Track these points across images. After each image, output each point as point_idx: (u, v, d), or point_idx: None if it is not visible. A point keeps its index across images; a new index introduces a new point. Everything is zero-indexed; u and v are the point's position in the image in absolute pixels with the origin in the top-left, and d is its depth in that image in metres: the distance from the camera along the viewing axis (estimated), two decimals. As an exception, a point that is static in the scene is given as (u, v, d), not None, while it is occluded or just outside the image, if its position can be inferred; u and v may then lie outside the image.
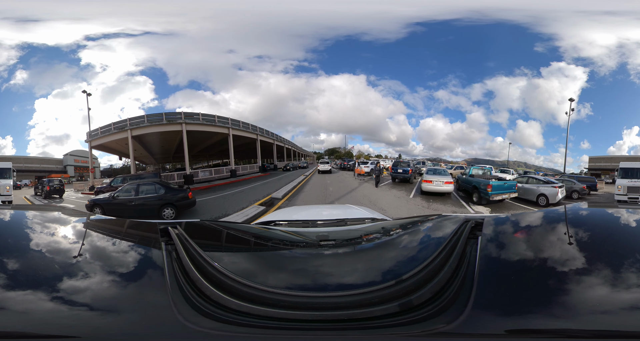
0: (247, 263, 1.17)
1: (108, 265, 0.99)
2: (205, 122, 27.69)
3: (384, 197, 15.37)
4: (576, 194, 17.45)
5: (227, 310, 0.78)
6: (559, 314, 0.73)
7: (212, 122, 28.43)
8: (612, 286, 0.80)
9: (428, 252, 0.98)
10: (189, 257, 0.93)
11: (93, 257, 1.04)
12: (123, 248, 1.18)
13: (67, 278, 0.88)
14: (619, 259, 0.91)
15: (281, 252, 1.36)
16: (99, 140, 26.56)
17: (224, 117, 29.50)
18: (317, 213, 2.78)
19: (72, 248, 1.12)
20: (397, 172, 21.65)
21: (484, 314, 0.75)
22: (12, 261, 0.97)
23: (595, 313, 0.74)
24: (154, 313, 0.79)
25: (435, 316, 0.75)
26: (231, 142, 29.44)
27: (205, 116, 27.99)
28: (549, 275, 0.86)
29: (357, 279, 0.99)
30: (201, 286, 0.83)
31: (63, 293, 0.82)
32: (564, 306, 0.75)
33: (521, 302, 0.77)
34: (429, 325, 0.73)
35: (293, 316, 0.77)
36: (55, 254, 1.04)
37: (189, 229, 1.10)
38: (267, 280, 0.92)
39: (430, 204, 13.86)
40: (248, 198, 15.27)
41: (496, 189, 13.57)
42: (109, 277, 0.92)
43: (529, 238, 1.14)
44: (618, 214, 1.41)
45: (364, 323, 0.75)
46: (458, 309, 0.75)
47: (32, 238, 1.18)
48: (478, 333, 0.71)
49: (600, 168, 32.88)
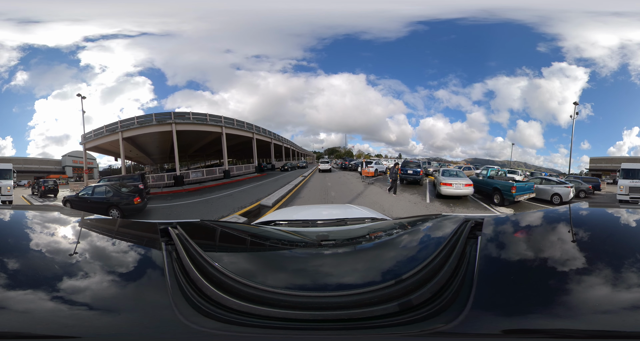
0: (247, 263, 1.17)
1: (108, 265, 0.98)
2: (196, 121, 26.90)
3: (398, 203, 13.97)
4: (583, 193, 18.15)
5: (228, 310, 0.78)
6: (560, 314, 0.73)
7: (204, 121, 27.60)
8: (613, 286, 0.80)
9: (428, 252, 0.98)
10: (189, 257, 0.93)
11: (93, 257, 1.04)
12: (123, 248, 1.17)
13: (67, 278, 0.88)
14: (619, 259, 0.92)
15: (281, 252, 1.36)
16: (93, 142, 26.60)
17: (216, 116, 28.66)
18: (317, 213, 2.77)
19: (72, 248, 1.11)
20: (407, 173, 19.91)
21: (484, 314, 0.75)
22: (12, 261, 0.97)
23: (596, 313, 0.74)
24: (155, 313, 0.79)
25: (434, 316, 0.75)
26: (224, 140, 28.56)
27: (196, 115, 27.24)
28: (548, 275, 0.87)
29: (357, 279, 0.99)
30: (202, 287, 0.83)
31: (63, 293, 0.82)
32: (564, 306, 0.75)
33: (521, 302, 0.77)
34: (427, 324, 0.73)
35: (294, 316, 0.77)
36: (55, 254, 1.04)
37: (189, 229, 1.10)
38: (267, 280, 0.92)
39: (453, 209, 13.20)
40: (233, 204, 14.02)
41: (520, 190, 13.84)
42: (109, 277, 0.92)
43: (528, 238, 1.14)
44: (618, 214, 1.41)
45: (364, 322, 0.75)
46: (457, 309, 0.75)
47: (32, 238, 1.18)
48: (477, 333, 0.72)
49: (601, 168, 32.87)
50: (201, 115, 27.45)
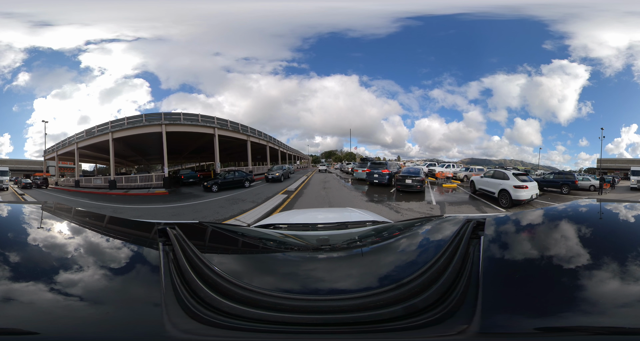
0: (244, 266, 1.17)
1: (102, 261, 0.99)
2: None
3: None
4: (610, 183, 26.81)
5: (218, 312, 0.78)
6: (587, 310, 0.73)
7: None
8: (622, 280, 0.80)
9: (431, 254, 0.98)
10: (185, 258, 0.92)
11: (87, 253, 1.03)
12: (121, 247, 1.17)
13: (56, 274, 0.89)
14: (623, 253, 0.92)
15: (280, 255, 1.36)
16: (51, 154, 29.32)
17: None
18: (318, 217, 2.76)
19: (59, 245, 1.11)
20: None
21: (511, 313, 0.74)
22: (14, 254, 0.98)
23: (618, 307, 0.74)
24: (143, 312, 0.79)
25: (449, 317, 0.74)
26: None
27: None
28: (559, 272, 0.86)
29: (359, 283, 0.98)
30: (196, 288, 0.83)
31: (51, 287, 0.83)
32: (587, 302, 0.75)
33: (542, 300, 0.76)
34: (446, 327, 0.72)
35: (290, 319, 0.76)
36: (47, 249, 1.04)
37: (187, 230, 1.08)
38: (263, 283, 0.91)
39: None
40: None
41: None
42: (103, 273, 0.92)
43: (531, 237, 1.14)
44: (616, 210, 1.44)
45: (372, 326, 0.74)
46: (470, 310, 0.74)
47: (14, 233, 1.19)
48: (509, 332, 0.70)
49: (608, 168, 40.37)
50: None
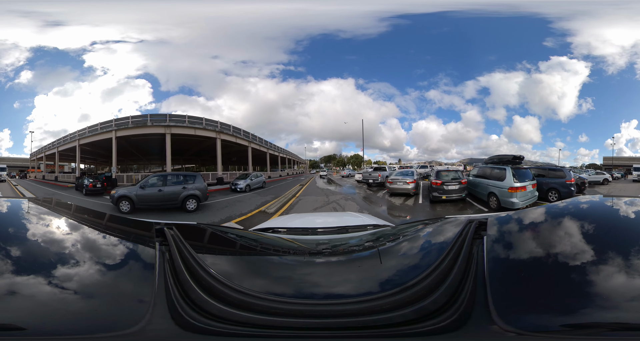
0: (238, 267, 1.16)
1: (98, 257, 0.99)
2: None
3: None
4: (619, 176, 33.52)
5: (206, 314, 0.78)
6: (604, 305, 0.73)
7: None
8: (628, 275, 0.80)
9: (432, 257, 0.97)
10: (181, 259, 0.92)
11: (85, 250, 1.04)
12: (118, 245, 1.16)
13: (51, 270, 0.89)
14: (627, 248, 0.92)
15: (277, 260, 1.35)
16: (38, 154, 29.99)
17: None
18: (317, 221, 2.73)
19: (55, 240, 1.11)
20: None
21: (522, 314, 0.74)
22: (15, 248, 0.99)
23: (631, 301, 0.73)
24: (131, 311, 0.79)
25: (464, 319, 0.74)
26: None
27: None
28: (566, 269, 0.86)
29: (360, 287, 0.96)
30: (188, 289, 0.83)
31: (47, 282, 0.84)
32: (601, 297, 0.75)
33: (555, 299, 0.75)
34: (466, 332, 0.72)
35: (282, 323, 0.76)
36: (45, 244, 1.05)
37: (184, 231, 1.09)
38: (254, 286, 0.90)
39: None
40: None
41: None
42: (98, 269, 0.92)
43: (534, 235, 1.13)
44: (616, 206, 1.44)
45: (380, 331, 0.74)
46: (483, 310, 0.74)
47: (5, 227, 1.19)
48: (538, 330, 0.70)
49: (611, 164, 42.56)
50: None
